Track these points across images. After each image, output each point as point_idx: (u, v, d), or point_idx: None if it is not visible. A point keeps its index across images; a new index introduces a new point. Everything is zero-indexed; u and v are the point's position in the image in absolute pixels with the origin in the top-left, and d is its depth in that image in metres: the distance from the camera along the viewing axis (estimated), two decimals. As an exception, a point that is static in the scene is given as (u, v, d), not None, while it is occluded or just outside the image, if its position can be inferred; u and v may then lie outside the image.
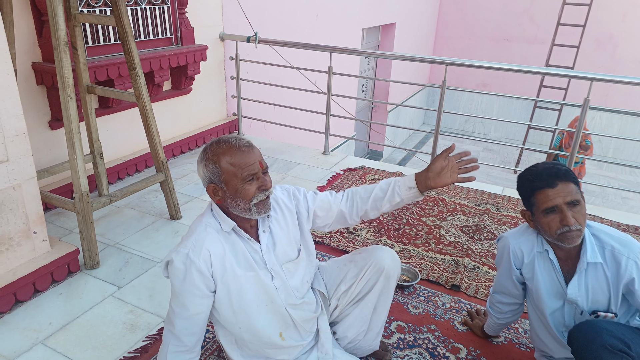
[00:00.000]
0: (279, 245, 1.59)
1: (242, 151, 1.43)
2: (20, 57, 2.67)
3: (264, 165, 1.48)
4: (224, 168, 1.42)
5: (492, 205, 3.34)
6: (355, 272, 1.71)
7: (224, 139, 1.47)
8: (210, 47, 3.98)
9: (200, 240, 1.45)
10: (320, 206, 1.69)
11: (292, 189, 1.70)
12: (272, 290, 1.56)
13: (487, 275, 2.52)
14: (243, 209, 1.46)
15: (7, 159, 2.04)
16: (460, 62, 3.56)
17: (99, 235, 2.73)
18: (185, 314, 1.47)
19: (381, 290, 1.70)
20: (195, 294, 1.45)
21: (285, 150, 4.25)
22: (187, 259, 1.42)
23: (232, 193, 1.44)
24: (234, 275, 1.49)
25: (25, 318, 2.08)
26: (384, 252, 1.70)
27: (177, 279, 1.44)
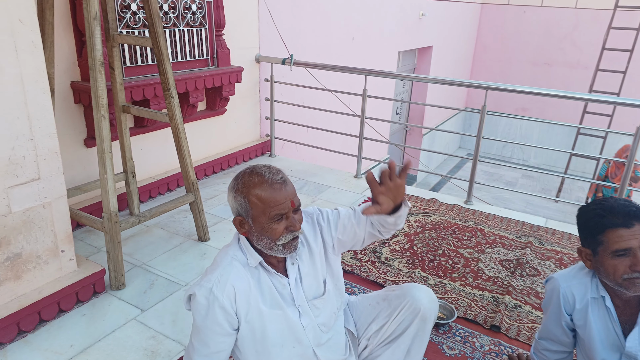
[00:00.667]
0: (306, 280, 1.50)
1: (273, 188, 1.34)
2: (60, 76, 2.72)
3: (296, 203, 1.38)
4: (252, 203, 1.34)
5: (535, 238, 3.14)
6: (388, 311, 1.59)
7: (257, 171, 1.38)
8: (245, 68, 4.00)
9: (225, 275, 1.38)
10: (343, 232, 1.56)
11: (316, 213, 1.58)
12: (299, 330, 1.47)
13: (529, 316, 2.33)
14: (268, 247, 1.38)
15: (38, 177, 2.04)
16: (501, 86, 3.42)
17: (126, 254, 2.71)
18: (206, 351, 1.38)
19: (416, 333, 1.57)
20: (216, 332, 1.37)
21: (316, 173, 4.18)
22: (211, 294, 1.35)
23: (258, 230, 1.36)
24: (259, 313, 1.41)
25: (48, 339, 2.05)
26: (421, 291, 1.58)
27: (199, 314, 1.36)
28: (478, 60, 11.01)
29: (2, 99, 1.85)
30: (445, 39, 8.86)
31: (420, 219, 3.35)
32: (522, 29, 10.38)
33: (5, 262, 1.99)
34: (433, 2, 7.91)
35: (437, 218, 3.37)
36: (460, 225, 3.28)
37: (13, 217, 1.98)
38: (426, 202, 3.64)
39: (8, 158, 1.92)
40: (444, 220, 3.33)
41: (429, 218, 3.36)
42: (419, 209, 3.51)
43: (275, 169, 1.39)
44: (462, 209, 3.56)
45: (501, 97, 10.18)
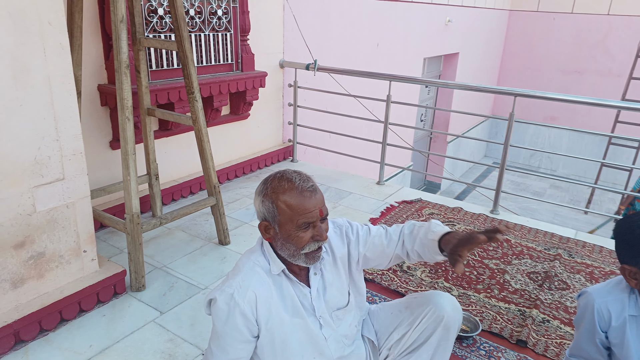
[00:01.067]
0: (330, 291, 1.47)
1: (303, 195, 1.31)
2: (87, 78, 2.76)
3: (324, 212, 1.35)
4: (280, 209, 1.31)
5: (564, 250, 3.02)
6: (410, 319, 1.54)
7: (287, 177, 1.34)
8: (269, 73, 4.00)
9: (247, 281, 1.35)
10: (372, 249, 1.53)
11: (345, 226, 1.56)
12: (320, 341, 1.44)
13: (558, 331, 2.23)
14: (291, 255, 1.36)
15: (63, 177, 2.06)
16: (530, 93, 3.32)
17: (148, 256, 2.72)
18: (224, 357, 1.36)
19: (438, 342, 1.51)
20: (236, 338, 1.34)
21: (338, 179, 4.14)
22: (232, 300, 1.32)
23: (284, 236, 1.33)
24: (280, 321, 1.38)
25: (68, 338, 2.06)
26: (444, 298, 1.52)
27: (219, 320, 1.34)
28: (505, 68, 10.82)
29: (30, 99, 1.88)
30: (471, 45, 8.74)
31: (444, 227, 3.26)
32: (552, 36, 10.17)
33: (29, 260, 2.02)
34: (460, 8, 7.82)
35: (461, 227, 3.28)
36: (486, 235, 3.18)
37: (37, 217, 2.00)
38: (450, 211, 3.55)
39: (34, 158, 1.94)
40: (469, 231, 3.24)
41: (453, 227, 3.28)
42: (444, 217, 3.43)
43: (306, 176, 1.36)
44: (487, 218, 3.46)
45: (529, 105, 9.97)
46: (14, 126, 1.85)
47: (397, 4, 5.97)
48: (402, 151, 6.67)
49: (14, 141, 1.87)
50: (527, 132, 10.64)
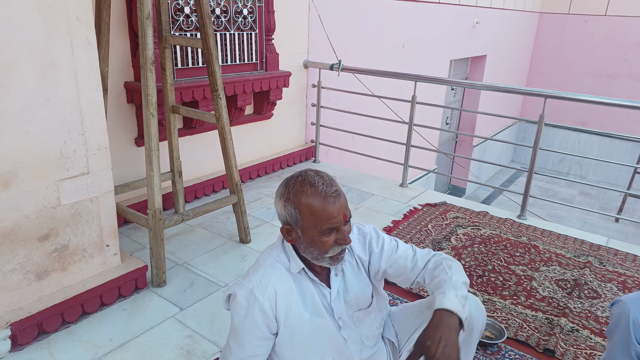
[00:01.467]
0: (352, 292, 1.43)
1: (327, 201, 1.27)
2: (114, 76, 2.80)
3: (348, 216, 1.32)
4: (303, 214, 1.28)
5: (595, 257, 2.90)
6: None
7: (310, 180, 1.29)
8: (293, 73, 3.99)
9: (267, 277, 1.33)
10: (395, 268, 1.47)
11: (370, 235, 1.49)
12: (340, 342, 1.41)
13: (588, 341, 2.14)
14: (315, 258, 1.33)
15: (88, 171, 2.09)
16: (562, 95, 3.22)
17: (169, 252, 2.73)
18: (242, 354, 1.33)
19: (461, 344, 1.45)
20: (255, 335, 1.32)
21: (360, 180, 4.09)
22: (252, 295, 1.30)
23: (307, 241, 1.31)
24: (300, 319, 1.35)
25: (89, 331, 2.08)
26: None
27: (238, 315, 1.32)
28: (534, 72, 10.58)
29: (57, 93, 1.91)
30: (500, 48, 8.57)
31: (470, 232, 3.19)
32: (583, 39, 9.90)
33: (53, 252, 2.04)
34: (488, 10, 7.68)
35: (487, 232, 3.20)
36: (513, 240, 3.09)
37: (62, 210, 2.03)
38: (476, 215, 3.47)
39: (60, 151, 1.97)
40: (495, 235, 3.16)
41: (478, 231, 3.20)
42: (469, 221, 3.35)
43: (329, 179, 1.32)
44: (514, 223, 3.37)
45: (559, 109, 9.71)
46: (41, 120, 1.88)
47: (423, 5, 5.90)
48: (426, 155, 6.58)
49: (41, 135, 1.90)
50: (556, 138, 10.37)
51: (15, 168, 1.85)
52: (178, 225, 3.08)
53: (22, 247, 1.93)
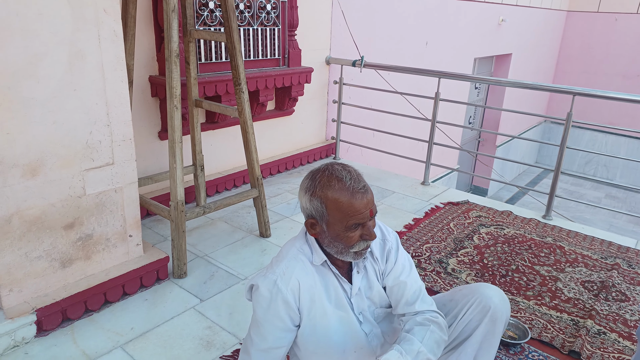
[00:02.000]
0: (375, 290, 1.41)
1: (355, 197, 1.24)
2: (139, 69, 2.84)
3: (374, 211, 1.29)
4: (330, 209, 1.25)
5: (623, 260, 2.82)
6: (454, 311, 1.46)
7: (337, 175, 1.26)
8: (315, 69, 3.98)
9: (290, 268, 1.32)
10: (394, 291, 1.42)
11: (392, 244, 1.44)
12: (361, 336, 1.39)
13: (616, 345, 2.07)
14: (339, 252, 1.31)
15: (112, 162, 2.12)
16: (591, 92, 3.13)
17: (190, 245, 2.76)
18: (264, 345, 1.33)
19: (484, 336, 1.42)
20: (277, 326, 1.31)
21: (380, 177, 4.06)
22: (275, 286, 1.29)
23: (332, 235, 1.28)
24: (323, 311, 1.34)
25: (111, 319, 2.11)
26: (491, 289, 1.45)
27: (261, 307, 1.31)
28: (561, 71, 10.34)
29: (84, 84, 1.94)
30: (525, 46, 8.41)
31: (492, 231, 3.13)
32: (613, 38, 9.63)
33: (77, 241, 2.08)
34: (514, 8, 7.54)
35: (511, 231, 3.13)
36: (537, 240, 3.02)
37: (87, 199, 2.06)
38: (499, 214, 3.40)
39: (86, 142, 2.00)
40: (519, 235, 3.09)
41: (502, 231, 3.13)
42: (492, 220, 3.29)
43: (356, 174, 1.28)
44: (539, 223, 3.29)
45: (586, 110, 9.46)
46: (68, 110, 1.92)
47: (447, 2, 5.82)
48: (448, 154, 6.49)
49: (68, 124, 1.93)
50: (582, 140, 10.12)
51: (43, 157, 1.88)
52: (199, 219, 3.11)
53: (48, 234, 1.97)
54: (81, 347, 1.93)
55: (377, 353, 1.42)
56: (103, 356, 1.89)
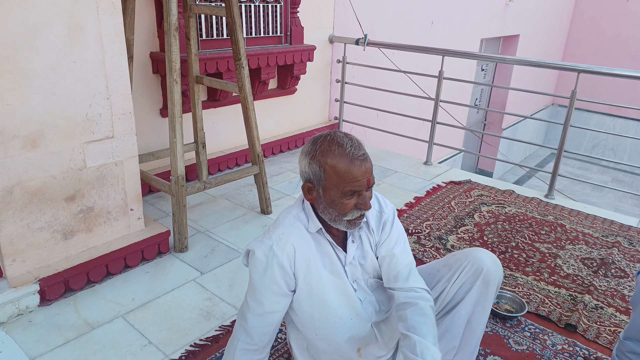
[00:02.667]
0: (369, 259, 1.42)
1: (354, 164, 1.24)
2: (140, 45, 2.83)
3: (372, 181, 1.29)
4: (328, 174, 1.25)
5: (624, 238, 2.81)
6: (448, 275, 1.48)
7: (338, 141, 1.26)
8: (318, 48, 3.95)
9: (286, 234, 1.33)
10: (383, 264, 1.42)
11: (388, 216, 1.44)
12: (356, 303, 1.41)
13: (613, 319, 2.08)
14: (333, 220, 1.31)
15: (112, 135, 2.13)
16: (596, 69, 3.09)
17: (192, 221, 2.78)
18: (260, 310, 1.35)
19: (477, 299, 1.44)
20: (273, 291, 1.33)
21: (384, 157, 4.06)
22: (271, 251, 1.31)
23: (327, 201, 1.29)
24: (318, 276, 1.36)
25: (113, 290, 2.14)
26: (483, 252, 1.46)
27: (257, 271, 1.33)
28: (569, 54, 10.19)
29: (83, 56, 1.94)
30: (533, 28, 8.28)
31: (494, 209, 3.12)
32: (623, 21, 9.45)
33: (79, 214, 2.10)
34: (522, -12, 7.40)
35: (512, 210, 3.13)
36: (539, 219, 3.01)
37: (88, 172, 2.08)
38: (501, 193, 3.39)
39: (85, 114, 2.01)
40: (520, 213, 3.09)
41: (503, 209, 3.13)
42: (493, 199, 3.28)
43: (357, 142, 1.28)
44: (541, 202, 3.28)
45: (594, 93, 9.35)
46: (67, 82, 1.92)
47: (454, -19, 5.73)
48: (454, 134, 6.45)
49: (68, 97, 1.94)
50: (589, 123, 10.02)
51: (43, 129, 1.90)
52: (201, 196, 3.13)
53: (49, 206, 1.99)
54: (83, 316, 1.97)
55: (372, 320, 1.44)
56: (104, 325, 1.93)
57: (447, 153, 6.82)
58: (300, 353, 1.52)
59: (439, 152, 6.38)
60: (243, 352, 1.39)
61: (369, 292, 1.44)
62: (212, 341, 1.86)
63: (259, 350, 1.41)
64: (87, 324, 1.93)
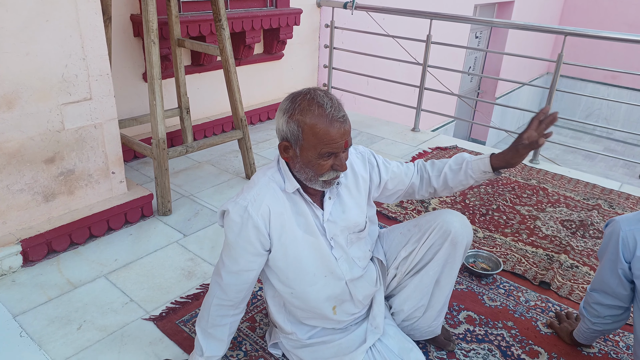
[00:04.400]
0: (348, 214, 1.43)
1: (332, 125, 1.22)
2: (119, 7, 2.78)
3: (349, 144, 1.30)
4: (305, 134, 1.24)
5: (605, 201, 2.84)
6: (418, 236, 1.51)
7: (318, 100, 1.24)
8: (305, 12, 3.89)
9: (261, 195, 1.33)
10: (393, 178, 1.52)
11: (368, 153, 1.51)
12: (331, 261, 1.42)
13: (587, 277, 2.13)
14: (309, 179, 1.31)
15: (90, 97, 2.11)
16: (583, 31, 3.05)
17: (176, 186, 2.79)
18: (235, 268, 1.37)
19: (445, 260, 1.47)
20: (248, 250, 1.35)
21: (372, 125, 4.05)
22: (245, 212, 1.31)
23: (303, 161, 1.28)
24: (293, 236, 1.37)
25: (96, 252, 2.17)
26: (453, 214, 1.48)
27: (232, 231, 1.33)
28: (565, 22, 10.04)
29: (56, 15, 1.91)
30: (529, -6, 8.13)
31: (477, 174, 3.14)
32: (621, -14, 9.29)
33: (59, 176, 2.11)
34: (518, -48, 7.23)
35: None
36: (522, 183, 3.04)
37: (66, 134, 2.08)
38: (486, 158, 3.40)
39: (61, 75, 1.99)
40: (504, 177, 3.11)
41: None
42: (477, 164, 3.29)
43: (337, 103, 1.27)
44: (525, 167, 3.30)
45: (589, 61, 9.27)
46: (41, 41, 1.89)
47: (447, -56, 5.59)
48: (447, 102, 6.42)
49: (42, 57, 1.91)
50: (584, 91, 9.95)
51: (18, 89, 1.88)
52: (186, 161, 3.13)
53: (28, 168, 1.99)
54: (66, 276, 2.00)
55: (346, 278, 1.46)
56: (87, 284, 1.96)
57: (439, 121, 6.80)
58: (277, 310, 1.54)
59: (432, 121, 6.35)
60: (218, 307, 1.42)
61: (346, 250, 1.45)
62: (192, 298, 1.90)
63: (235, 305, 1.44)
64: (70, 284, 1.96)
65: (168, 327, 1.74)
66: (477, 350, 1.69)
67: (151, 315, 1.81)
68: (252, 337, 1.71)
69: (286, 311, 1.54)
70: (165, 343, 1.68)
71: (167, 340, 1.69)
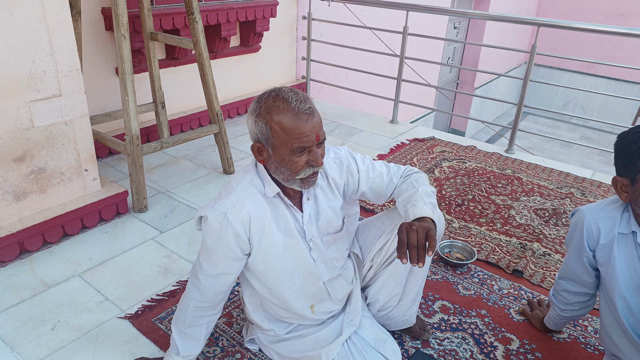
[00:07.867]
0: (324, 216, 1.43)
1: (299, 118, 1.22)
2: (90, 1, 2.72)
3: (321, 137, 1.27)
4: (274, 131, 1.23)
5: (577, 189, 2.91)
6: (391, 227, 1.51)
7: (283, 96, 1.24)
8: (282, 4, 3.85)
9: (241, 201, 1.31)
10: (373, 189, 1.49)
11: (347, 159, 1.47)
12: (310, 262, 1.43)
13: (558, 264, 2.18)
14: (286, 179, 1.30)
15: (60, 93, 2.07)
16: (555, 22, 3.10)
17: (152, 182, 2.76)
18: (214, 271, 1.35)
19: None
20: (227, 255, 1.33)
21: (350, 117, 4.05)
22: (225, 219, 1.28)
23: (277, 160, 1.27)
24: (274, 241, 1.36)
25: (70, 251, 2.14)
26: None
27: (210, 237, 1.31)
28: (543, 11, 10.15)
29: (21, 9, 1.86)
30: (506, -16, 8.19)
31: (454, 165, 3.18)
32: (596, -23, 9.42)
33: (30, 175, 2.07)
34: (495, -58, 7.27)
35: (472, 165, 3.19)
36: (497, 173, 3.09)
37: (36, 132, 2.03)
38: (463, 149, 3.44)
39: (29, 71, 1.94)
40: (480, 168, 3.15)
41: (463, 164, 3.19)
42: (455, 155, 3.34)
43: (304, 96, 1.26)
44: (501, 157, 3.35)
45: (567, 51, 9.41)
46: (6, 37, 1.84)
47: None
48: (425, 95, 6.46)
49: (7, 52, 1.86)
50: (560, 81, 10.11)
51: (-17, 87, 1.83)
52: (163, 157, 3.10)
53: (-3, 167, 1.95)
54: (39, 276, 1.97)
55: (324, 278, 1.47)
56: (61, 284, 1.94)
57: (418, 113, 6.85)
58: (254, 309, 1.54)
59: (411, 112, 6.39)
60: (195, 309, 1.41)
61: (324, 250, 1.45)
62: (169, 296, 1.89)
63: (212, 306, 1.43)
64: (43, 284, 1.93)
65: (144, 325, 1.73)
66: (451, 338, 1.72)
67: (127, 314, 1.80)
68: (229, 333, 1.71)
69: (263, 310, 1.54)
70: (141, 341, 1.68)
71: (142, 338, 1.69)
